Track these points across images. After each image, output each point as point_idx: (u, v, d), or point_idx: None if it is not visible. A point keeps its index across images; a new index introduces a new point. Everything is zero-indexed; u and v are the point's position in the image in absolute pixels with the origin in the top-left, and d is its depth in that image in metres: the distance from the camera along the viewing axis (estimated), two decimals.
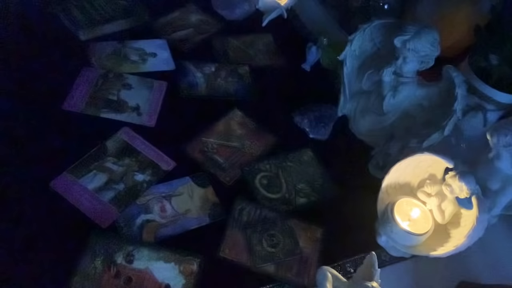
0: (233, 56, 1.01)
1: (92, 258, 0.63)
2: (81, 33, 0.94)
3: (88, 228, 0.66)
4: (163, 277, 0.63)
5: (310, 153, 0.84)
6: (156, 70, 0.92)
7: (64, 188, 0.70)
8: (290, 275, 0.67)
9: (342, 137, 0.88)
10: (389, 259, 0.72)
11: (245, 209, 0.74)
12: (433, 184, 0.67)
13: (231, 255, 0.68)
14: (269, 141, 0.85)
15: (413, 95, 0.78)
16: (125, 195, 0.71)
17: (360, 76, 0.83)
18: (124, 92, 0.86)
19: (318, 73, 0.99)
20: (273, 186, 0.78)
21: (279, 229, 0.72)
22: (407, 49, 0.72)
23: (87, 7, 0.99)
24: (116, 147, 0.77)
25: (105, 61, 0.91)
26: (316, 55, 0.99)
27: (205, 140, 0.82)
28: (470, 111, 0.83)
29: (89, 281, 0.61)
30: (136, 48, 0.95)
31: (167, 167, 0.76)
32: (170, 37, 1.00)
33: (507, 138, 0.63)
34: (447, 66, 0.72)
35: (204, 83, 0.93)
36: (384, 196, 0.71)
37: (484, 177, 0.67)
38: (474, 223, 0.61)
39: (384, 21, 0.79)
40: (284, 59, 1.03)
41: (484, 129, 0.82)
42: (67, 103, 0.82)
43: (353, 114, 0.87)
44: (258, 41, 1.06)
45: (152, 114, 0.84)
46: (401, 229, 0.66)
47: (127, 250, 0.65)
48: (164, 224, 0.69)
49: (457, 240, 0.64)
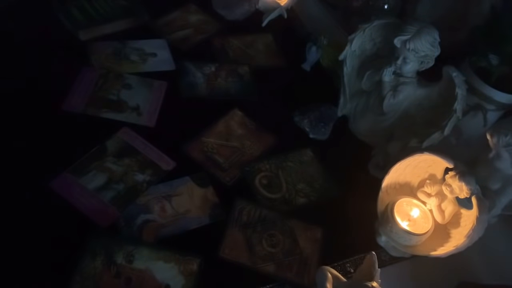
0: (233, 56, 1.01)
1: (92, 258, 0.63)
2: (81, 33, 0.94)
3: (88, 228, 0.66)
4: (163, 277, 0.63)
5: (310, 153, 0.84)
6: (156, 70, 0.92)
7: (64, 188, 0.70)
8: (290, 275, 0.67)
9: (342, 137, 0.88)
10: (389, 259, 0.72)
11: (245, 209, 0.74)
12: (433, 184, 0.67)
13: (231, 255, 0.68)
14: (269, 141, 0.85)
15: (413, 95, 0.78)
16: (125, 195, 0.71)
17: (360, 76, 0.83)
18: (124, 92, 0.86)
19: (318, 73, 0.99)
20: (273, 186, 0.78)
21: (279, 229, 0.72)
22: (407, 49, 0.72)
23: (87, 7, 0.99)
24: (116, 147, 0.77)
25: (105, 61, 0.91)
26: (316, 55, 0.99)
27: (205, 140, 0.82)
28: (470, 111, 0.83)
29: (89, 281, 0.61)
30: (136, 48, 0.95)
31: (167, 167, 0.76)
32: (170, 37, 1.00)
33: (507, 138, 0.63)
34: (447, 66, 0.72)
35: (204, 83, 0.93)
36: (384, 196, 0.71)
37: (484, 177, 0.67)
38: (474, 223, 0.61)
39: (384, 21, 0.79)
40: (284, 59, 1.03)
41: (484, 129, 0.83)
42: (67, 103, 0.82)
43: (353, 114, 0.87)
44: (258, 41, 1.06)
45: (152, 114, 0.84)
46: (401, 229, 0.66)
47: (127, 250, 0.65)
48: (164, 224, 0.69)
49: (457, 240, 0.64)
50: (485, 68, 0.81)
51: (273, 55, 1.04)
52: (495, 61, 0.81)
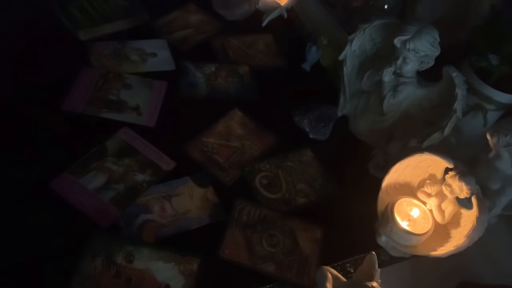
0: (233, 56, 1.01)
1: (92, 258, 0.63)
2: (81, 33, 0.94)
3: (88, 228, 0.66)
4: (163, 277, 0.63)
5: (310, 153, 0.85)
6: (156, 70, 0.92)
7: (64, 188, 0.70)
8: (290, 275, 0.67)
9: (342, 137, 0.88)
10: (389, 259, 0.72)
11: (245, 209, 0.74)
12: (433, 184, 0.67)
13: (231, 255, 0.68)
14: (269, 141, 0.85)
15: (413, 95, 0.78)
16: (125, 195, 0.71)
17: (360, 76, 0.83)
18: (124, 92, 0.86)
19: (318, 73, 0.99)
20: (273, 186, 0.78)
21: (279, 229, 0.72)
22: (407, 49, 0.72)
23: (87, 7, 0.99)
24: (116, 147, 0.77)
25: (105, 61, 0.91)
26: (316, 55, 0.99)
27: (205, 140, 0.82)
28: (470, 111, 0.83)
29: (89, 281, 0.61)
30: (136, 48, 0.95)
31: (167, 167, 0.76)
32: (170, 37, 1.00)
33: (507, 138, 0.63)
34: (447, 66, 0.72)
35: (204, 83, 0.93)
36: (384, 196, 0.71)
37: (484, 177, 0.67)
38: (474, 223, 0.61)
39: (384, 21, 0.79)
40: (284, 59, 1.03)
41: (484, 129, 0.83)
42: (67, 103, 0.82)
43: (353, 114, 0.87)
44: (258, 41, 1.06)
45: (152, 114, 0.84)
46: (401, 229, 0.66)
47: (127, 250, 0.65)
48: (164, 224, 0.69)
49: (457, 240, 0.64)
50: (485, 68, 0.81)
51: (273, 55, 1.04)
52: (495, 61, 0.81)
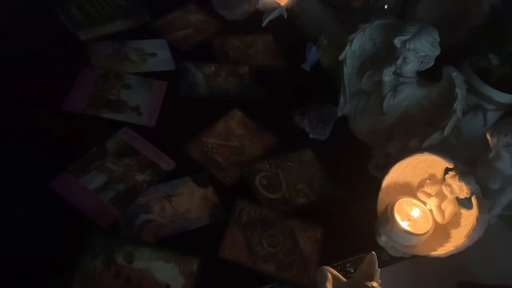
0: (233, 56, 1.01)
1: (92, 258, 0.63)
2: (81, 33, 0.94)
3: (88, 228, 0.66)
4: (163, 277, 0.63)
5: (310, 153, 0.84)
6: (156, 70, 0.92)
7: (64, 188, 0.70)
8: (290, 275, 0.67)
9: (342, 137, 0.88)
10: (389, 259, 0.72)
11: (245, 209, 0.74)
12: (433, 184, 0.67)
13: (231, 255, 0.68)
14: (269, 141, 0.85)
15: (413, 95, 0.78)
16: (125, 195, 0.71)
17: (360, 76, 0.83)
18: (124, 92, 0.86)
19: (318, 73, 0.99)
20: (273, 186, 0.78)
21: (279, 229, 0.72)
22: (407, 49, 0.72)
23: (87, 7, 0.99)
24: (116, 147, 0.77)
25: (105, 61, 0.91)
26: (316, 55, 0.99)
27: (205, 140, 0.82)
28: (470, 111, 0.83)
29: (89, 281, 0.61)
30: (136, 48, 0.95)
31: (167, 167, 0.76)
32: (170, 37, 1.00)
33: (507, 138, 0.63)
34: (447, 66, 0.72)
35: (204, 83, 0.93)
36: (384, 196, 0.71)
37: (484, 177, 0.67)
38: (474, 223, 0.61)
39: (384, 21, 0.79)
40: (284, 59, 1.03)
41: (484, 129, 0.83)
42: (67, 103, 0.82)
43: (353, 114, 0.87)
44: (258, 41, 1.06)
45: (152, 114, 0.84)
46: (401, 229, 0.66)
47: (127, 250, 0.65)
48: (164, 224, 0.69)
49: (457, 240, 0.64)
50: (485, 68, 0.81)
51: (273, 55, 1.04)
52: (495, 61, 0.81)
